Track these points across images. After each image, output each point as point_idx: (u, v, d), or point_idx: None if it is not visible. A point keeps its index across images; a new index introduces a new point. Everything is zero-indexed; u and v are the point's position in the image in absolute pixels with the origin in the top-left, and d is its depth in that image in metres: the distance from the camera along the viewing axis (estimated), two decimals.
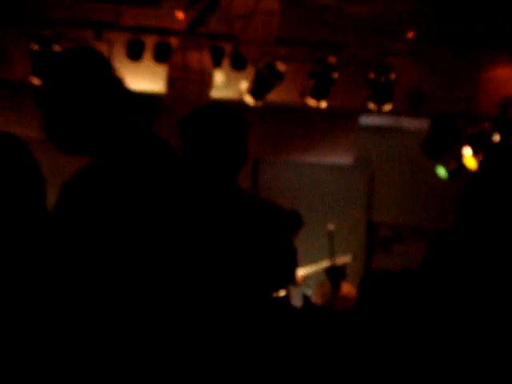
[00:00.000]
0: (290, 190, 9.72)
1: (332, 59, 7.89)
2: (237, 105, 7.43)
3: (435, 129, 8.39)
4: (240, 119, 2.83)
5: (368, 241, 10.31)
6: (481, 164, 2.04)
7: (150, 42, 7.88)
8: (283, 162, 9.92)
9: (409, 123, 9.66)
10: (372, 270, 9.01)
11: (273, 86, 7.80)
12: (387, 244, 10.24)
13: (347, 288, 7.42)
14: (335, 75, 7.92)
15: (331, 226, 7.41)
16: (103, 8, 7.83)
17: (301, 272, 7.96)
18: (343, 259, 7.78)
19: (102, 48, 7.49)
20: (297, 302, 7.81)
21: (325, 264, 7.68)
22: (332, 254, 7.37)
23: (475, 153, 8.30)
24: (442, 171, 8.70)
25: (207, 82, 7.40)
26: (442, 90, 8.21)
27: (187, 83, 7.38)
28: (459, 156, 8.54)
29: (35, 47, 7.62)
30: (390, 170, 10.23)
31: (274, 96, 7.95)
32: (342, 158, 9.85)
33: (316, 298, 7.74)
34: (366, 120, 9.73)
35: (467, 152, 8.45)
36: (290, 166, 9.96)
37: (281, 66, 7.79)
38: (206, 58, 7.38)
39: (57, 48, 7.68)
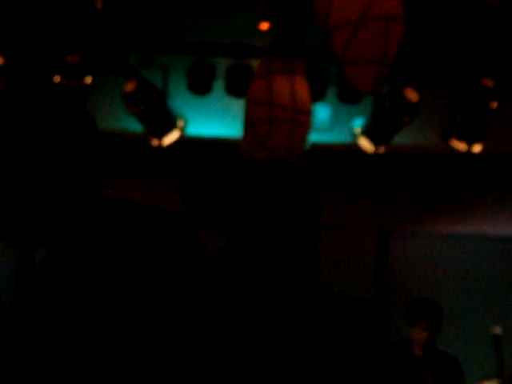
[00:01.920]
0: (431, 272, 7.86)
1: (489, 81, 6.22)
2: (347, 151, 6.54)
3: None
4: (310, 178, 2.48)
5: None
6: None
7: (220, 66, 6.29)
8: (422, 232, 7.96)
9: None
10: None
11: (402, 123, 6.29)
12: None
13: None
14: (494, 105, 6.24)
15: (497, 329, 6.22)
16: (154, 22, 6.02)
17: None
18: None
19: (155, 78, 6.23)
20: None
21: None
22: (500, 370, 6.16)
23: None
24: None
25: (303, 123, 5.85)
26: None
27: (274, 125, 5.86)
28: None
29: None
30: None
31: (403, 138, 6.51)
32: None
33: None
34: None
35: None
36: (430, 239, 7.96)
37: (412, 95, 6.20)
38: (302, 88, 5.86)
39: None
